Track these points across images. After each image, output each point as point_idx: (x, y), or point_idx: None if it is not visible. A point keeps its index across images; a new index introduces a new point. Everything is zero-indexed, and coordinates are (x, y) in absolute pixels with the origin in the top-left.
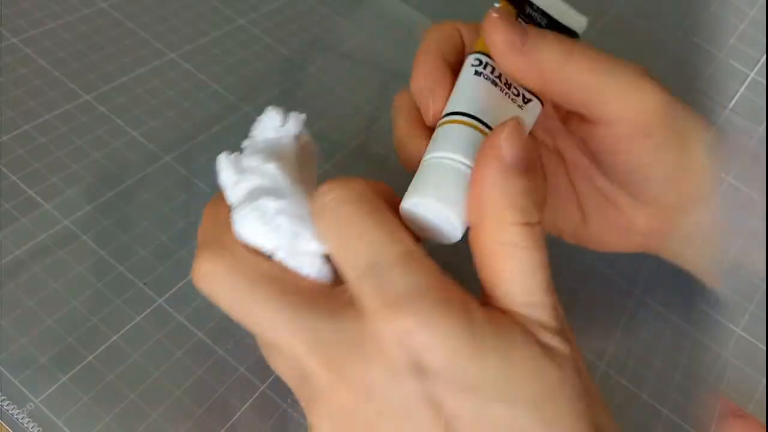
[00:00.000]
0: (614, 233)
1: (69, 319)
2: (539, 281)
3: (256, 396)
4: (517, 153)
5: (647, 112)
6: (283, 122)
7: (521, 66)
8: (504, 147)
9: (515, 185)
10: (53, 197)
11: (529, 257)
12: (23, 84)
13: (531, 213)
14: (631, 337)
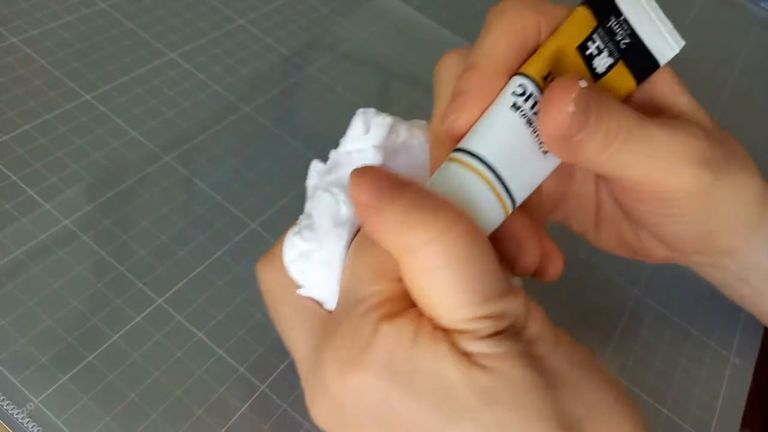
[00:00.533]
0: (622, 247)
1: (69, 319)
2: (465, 298)
3: (256, 396)
4: (371, 193)
5: (679, 196)
6: (366, 129)
7: (562, 150)
8: (357, 195)
9: (387, 218)
10: (53, 197)
11: (438, 278)
12: (23, 84)
13: (420, 230)
14: (631, 337)
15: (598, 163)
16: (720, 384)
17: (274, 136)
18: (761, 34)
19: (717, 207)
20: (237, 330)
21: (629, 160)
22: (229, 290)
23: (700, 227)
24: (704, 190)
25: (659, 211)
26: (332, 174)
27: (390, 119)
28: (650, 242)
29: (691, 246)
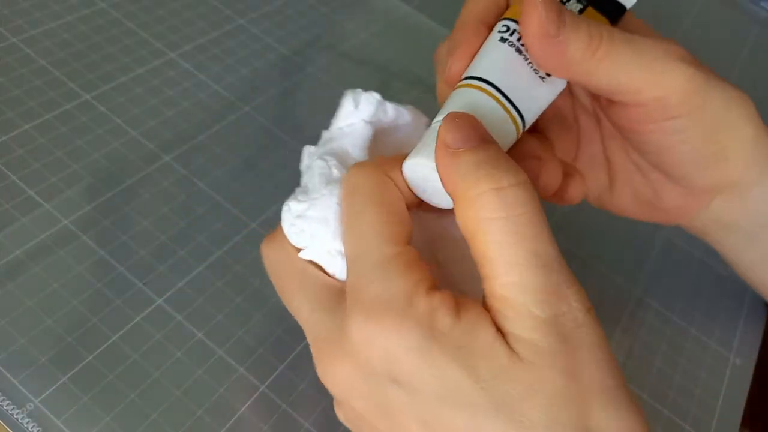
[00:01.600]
0: (639, 204)
1: (69, 319)
2: (521, 254)
3: (256, 396)
4: (457, 135)
5: (673, 95)
6: (356, 106)
7: (549, 57)
8: (445, 135)
9: (467, 162)
10: (53, 197)
11: (502, 228)
12: (23, 84)
13: (497, 177)
14: (631, 337)
15: (589, 73)
16: (720, 384)
17: (274, 136)
18: (761, 34)
19: (717, 115)
20: (237, 330)
21: (619, 66)
22: (229, 290)
23: (707, 144)
24: (699, 88)
25: (662, 126)
26: (322, 148)
27: (378, 95)
28: (664, 188)
29: (704, 178)
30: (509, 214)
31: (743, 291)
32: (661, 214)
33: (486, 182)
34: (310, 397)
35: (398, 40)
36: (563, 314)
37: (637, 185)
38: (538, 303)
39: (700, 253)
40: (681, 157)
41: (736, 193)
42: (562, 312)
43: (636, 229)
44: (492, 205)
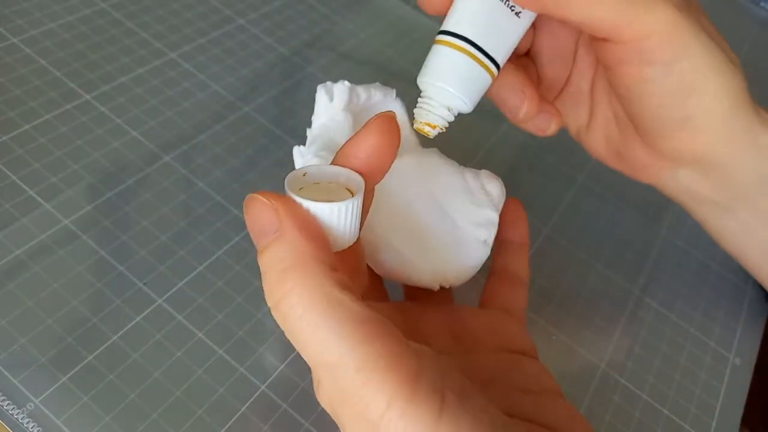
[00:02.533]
0: (609, 151)
1: (69, 319)
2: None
3: (256, 396)
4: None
5: (653, 37)
6: (331, 98)
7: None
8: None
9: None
10: (53, 197)
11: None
12: (23, 84)
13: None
14: (631, 337)
15: (561, 6)
16: (720, 384)
17: (274, 136)
18: (761, 34)
19: (693, 76)
20: (237, 330)
21: (596, 2)
22: (229, 290)
23: (675, 106)
24: (682, 37)
25: (638, 70)
26: (313, 146)
27: (348, 83)
28: (633, 142)
29: (667, 143)
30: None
31: (743, 291)
32: (627, 167)
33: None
34: (310, 397)
35: (398, 40)
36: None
37: (611, 131)
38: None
39: (700, 254)
40: (648, 112)
41: (703, 168)
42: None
43: (636, 229)
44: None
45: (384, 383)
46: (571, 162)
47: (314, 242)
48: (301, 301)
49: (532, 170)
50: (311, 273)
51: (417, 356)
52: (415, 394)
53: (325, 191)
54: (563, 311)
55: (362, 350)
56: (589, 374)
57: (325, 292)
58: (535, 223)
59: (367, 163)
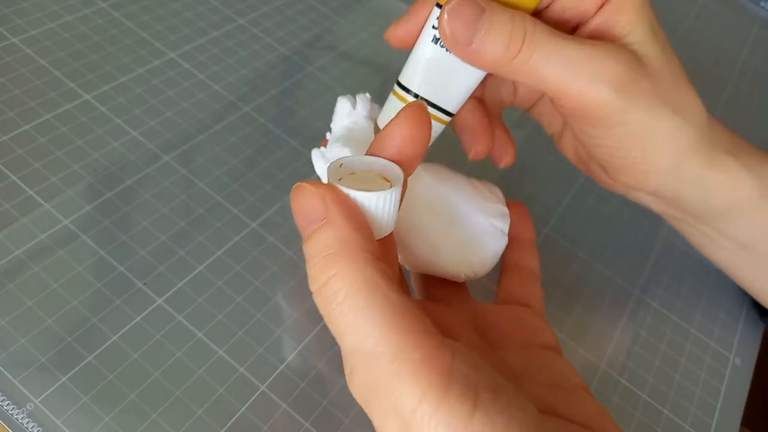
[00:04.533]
0: (578, 161)
1: (69, 319)
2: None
3: (256, 396)
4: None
5: (592, 111)
6: (354, 106)
7: (467, 59)
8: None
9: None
10: (53, 197)
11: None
12: (23, 84)
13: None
14: (631, 337)
15: (510, 72)
16: (720, 384)
17: (274, 136)
18: (761, 34)
19: (636, 134)
20: (237, 330)
21: (543, 71)
22: (229, 290)
23: (623, 158)
24: (619, 111)
25: (585, 131)
26: (337, 144)
27: (368, 95)
28: (596, 165)
29: (624, 179)
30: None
31: (743, 291)
32: (595, 177)
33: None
34: (310, 397)
35: None
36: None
37: (579, 147)
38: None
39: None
40: (597, 155)
41: (656, 198)
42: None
43: (636, 229)
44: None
45: (418, 377)
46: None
47: (359, 230)
48: (343, 286)
49: (532, 170)
50: (356, 260)
51: (451, 350)
52: (448, 390)
53: (362, 180)
54: (563, 311)
55: (398, 339)
56: (589, 374)
57: (368, 279)
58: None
59: (401, 152)
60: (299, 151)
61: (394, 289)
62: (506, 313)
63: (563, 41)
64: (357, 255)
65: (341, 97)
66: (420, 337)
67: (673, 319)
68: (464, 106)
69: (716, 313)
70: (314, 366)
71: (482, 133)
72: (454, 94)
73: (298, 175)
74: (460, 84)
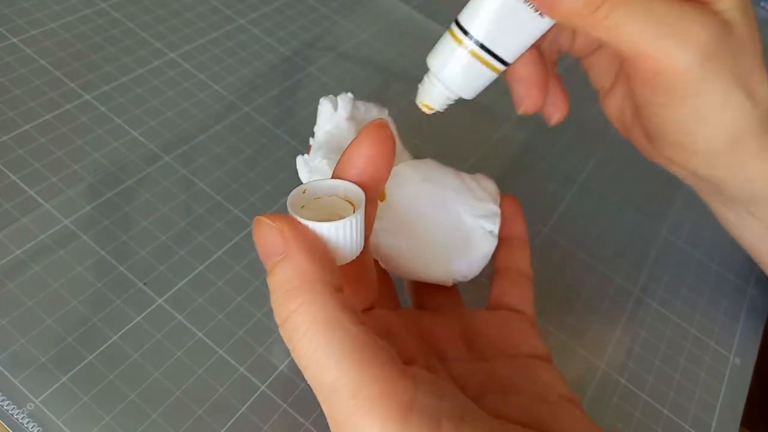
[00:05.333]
0: (620, 123)
1: (69, 319)
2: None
3: (256, 396)
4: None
5: (665, 78)
6: (335, 108)
7: (544, 6)
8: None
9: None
10: (53, 197)
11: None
12: (23, 84)
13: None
14: (631, 337)
15: (588, 26)
16: (720, 384)
17: (274, 136)
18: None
19: (704, 111)
20: (237, 330)
21: (624, 27)
22: (229, 290)
23: (681, 132)
24: (693, 83)
25: (650, 97)
26: (320, 152)
27: (351, 95)
28: (639, 131)
29: (669, 153)
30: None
31: (743, 291)
32: (636, 143)
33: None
34: (310, 397)
35: (398, 40)
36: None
37: (625, 108)
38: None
39: (700, 254)
40: (653, 123)
41: (696, 178)
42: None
43: (636, 229)
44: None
45: (376, 411)
46: (571, 162)
47: (319, 263)
48: (305, 321)
49: (532, 170)
50: (315, 294)
51: (413, 382)
52: (408, 423)
53: (327, 206)
54: (563, 311)
55: (357, 374)
56: (589, 374)
57: (328, 313)
58: (535, 223)
59: (363, 174)
60: (299, 152)
61: (355, 321)
62: (496, 321)
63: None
64: (316, 288)
65: (323, 99)
66: (380, 370)
67: (673, 319)
68: (522, 55)
69: (716, 313)
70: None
71: (537, 86)
72: (515, 43)
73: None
74: (523, 33)
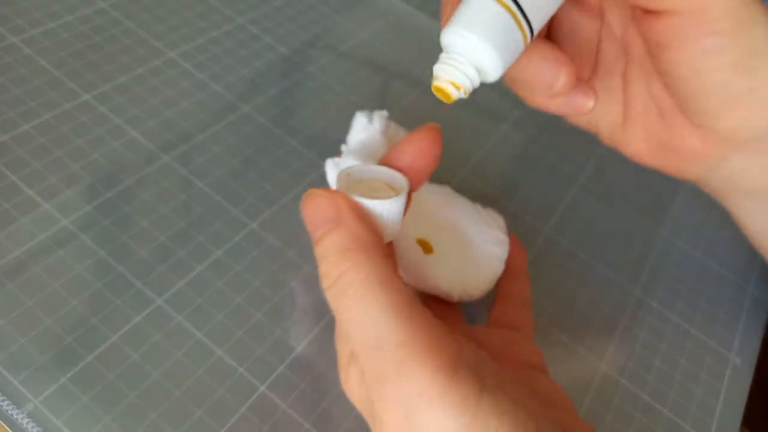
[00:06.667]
0: (651, 146)
1: (69, 319)
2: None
3: (256, 396)
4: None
5: (717, 5)
6: (370, 121)
7: None
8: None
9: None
10: (53, 197)
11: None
12: (23, 84)
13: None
14: (631, 337)
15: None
16: (720, 384)
17: (274, 136)
18: None
19: (760, 43)
20: (237, 330)
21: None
22: (229, 290)
23: (740, 75)
24: (748, 3)
25: (699, 43)
26: (350, 156)
27: (386, 112)
28: (682, 130)
29: (727, 120)
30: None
31: (743, 291)
32: (674, 160)
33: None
34: (310, 397)
35: (398, 40)
36: None
37: (652, 123)
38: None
39: (700, 254)
40: (709, 87)
41: (758, 147)
42: None
43: (636, 229)
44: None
45: (426, 361)
46: (571, 162)
47: (371, 230)
48: (358, 277)
49: (532, 170)
50: (370, 254)
51: (456, 341)
52: (456, 374)
53: (368, 189)
54: (563, 311)
55: (407, 329)
56: (589, 374)
57: (381, 272)
58: (535, 223)
59: (411, 165)
60: (299, 151)
61: (403, 285)
62: (496, 335)
63: None
64: (370, 251)
65: (359, 113)
66: (428, 326)
67: (673, 319)
68: (535, 38)
69: (716, 313)
70: (314, 366)
71: (566, 60)
72: (541, 7)
73: (298, 175)
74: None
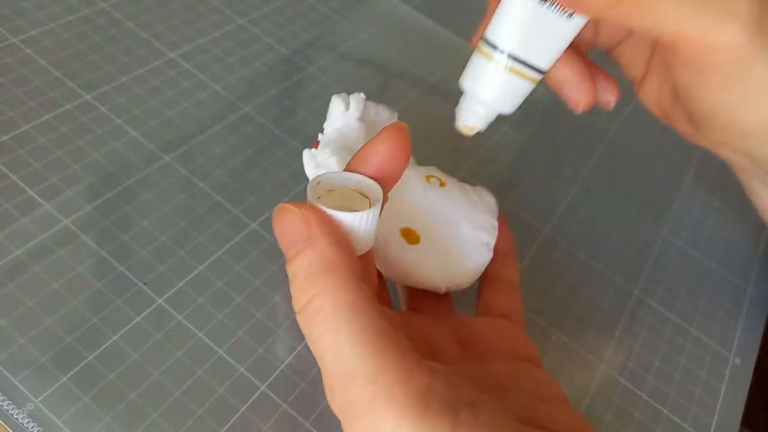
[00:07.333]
0: (659, 109)
1: (69, 319)
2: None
3: (256, 396)
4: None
5: (714, 54)
6: (347, 106)
7: (574, 3)
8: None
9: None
10: (53, 197)
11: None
12: (23, 84)
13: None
14: (630, 337)
15: (621, 15)
16: (720, 384)
17: (274, 136)
18: None
19: (753, 90)
20: (237, 330)
21: (659, 10)
22: (229, 290)
23: (732, 113)
24: (746, 58)
25: (697, 75)
26: (328, 147)
27: (363, 95)
28: (681, 118)
29: (717, 137)
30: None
31: (743, 291)
32: (677, 127)
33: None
34: (310, 397)
35: (398, 40)
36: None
37: (662, 95)
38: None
39: (700, 254)
40: (699, 108)
41: (748, 157)
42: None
43: (636, 229)
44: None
45: (395, 398)
46: (571, 162)
47: (343, 251)
48: (326, 304)
49: (532, 170)
50: (339, 280)
51: (429, 370)
52: (426, 411)
53: (341, 197)
54: (563, 311)
55: (376, 361)
56: (589, 374)
57: (350, 299)
58: (535, 223)
59: (380, 169)
60: (299, 151)
61: (376, 310)
62: (488, 325)
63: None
64: (340, 275)
65: (335, 97)
66: (398, 358)
67: (673, 319)
68: (560, 58)
69: (716, 313)
70: (314, 366)
71: (584, 82)
72: (549, 50)
73: (298, 175)
74: (555, 37)
